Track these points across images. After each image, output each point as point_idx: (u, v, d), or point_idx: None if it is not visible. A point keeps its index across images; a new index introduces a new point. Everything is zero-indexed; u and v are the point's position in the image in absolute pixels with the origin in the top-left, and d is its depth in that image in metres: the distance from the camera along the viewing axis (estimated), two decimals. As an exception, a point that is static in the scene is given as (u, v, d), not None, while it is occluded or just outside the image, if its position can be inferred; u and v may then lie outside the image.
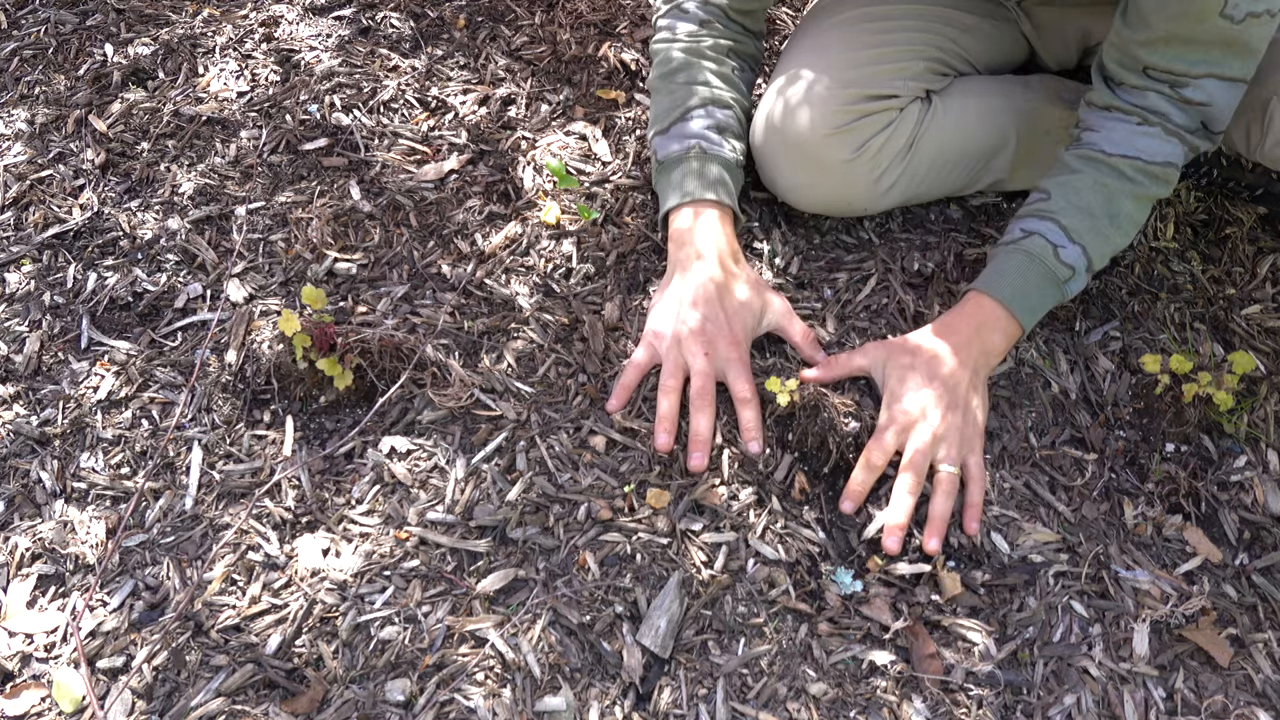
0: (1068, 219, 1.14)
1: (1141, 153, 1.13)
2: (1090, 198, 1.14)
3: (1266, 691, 1.00)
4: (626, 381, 1.15)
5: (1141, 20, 1.09)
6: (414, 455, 1.11)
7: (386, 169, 1.40)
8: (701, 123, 1.25)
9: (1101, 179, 1.14)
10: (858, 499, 1.07)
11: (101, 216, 1.36)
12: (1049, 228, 1.14)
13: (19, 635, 0.99)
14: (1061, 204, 1.15)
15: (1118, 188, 1.14)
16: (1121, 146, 1.13)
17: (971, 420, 1.10)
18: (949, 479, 1.07)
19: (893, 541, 1.04)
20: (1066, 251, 1.14)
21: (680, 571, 1.02)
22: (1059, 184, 1.16)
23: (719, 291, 1.16)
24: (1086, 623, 1.03)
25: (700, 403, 1.10)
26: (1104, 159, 1.14)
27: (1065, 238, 1.14)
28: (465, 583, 1.02)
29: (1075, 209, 1.14)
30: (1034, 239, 1.15)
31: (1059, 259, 1.14)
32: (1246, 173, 1.35)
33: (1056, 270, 1.14)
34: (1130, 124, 1.14)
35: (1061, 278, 1.14)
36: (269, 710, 0.93)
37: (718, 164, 1.23)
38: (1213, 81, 1.10)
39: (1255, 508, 1.14)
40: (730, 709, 0.95)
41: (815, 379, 1.15)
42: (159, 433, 1.15)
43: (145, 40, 1.60)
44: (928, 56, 1.29)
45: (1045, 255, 1.14)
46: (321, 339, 1.13)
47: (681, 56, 1.29)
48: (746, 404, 1.11)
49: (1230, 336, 1.29)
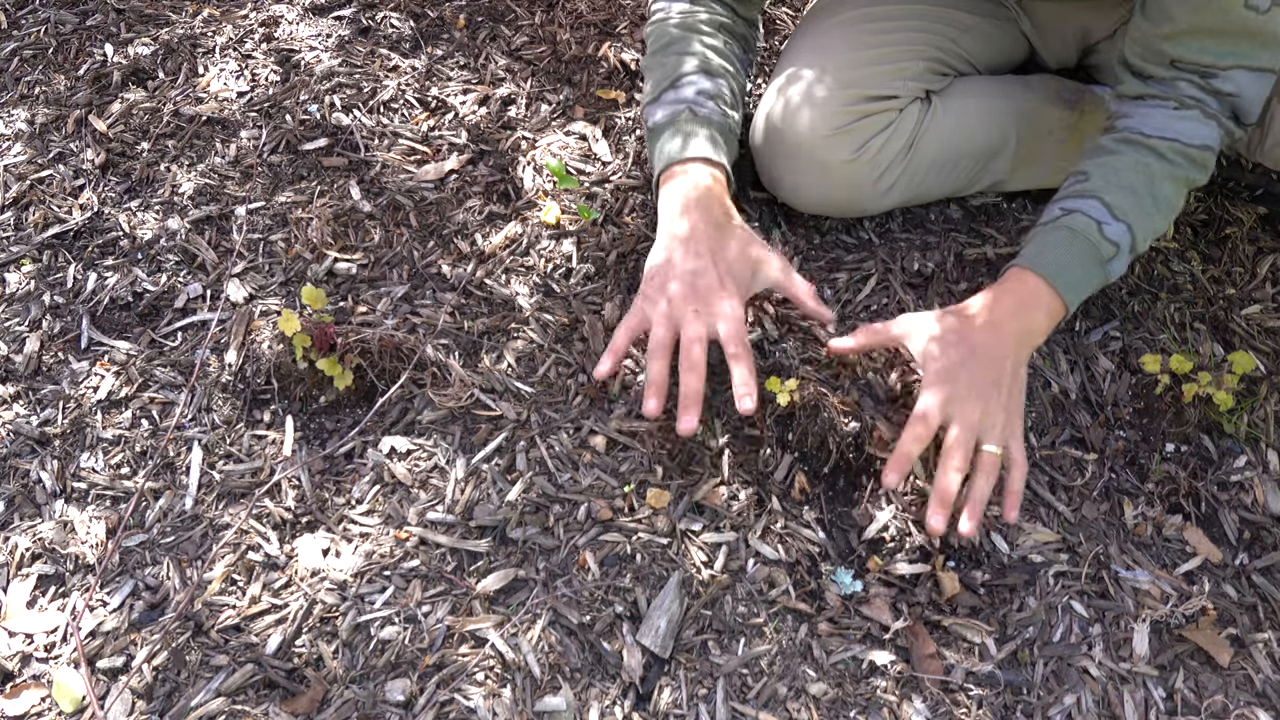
0: (1111, 196, 1.10)
1: (1180, 135, 1.10)
2: (1132, 177, 1.10)
3: (1266, 691, 1.00)
4: (617, 344, 1.10)
5: (1163, 14, 1.07)
6: (414, 455, 1.11)
7: (386, 169, 1.40)
8: (692, 89, 1.21)
9: (1142, 160, 1.10)
10: (903, 469, 1.01)
11: (101, 216, 1.36)
12: (1091, 205, 1.10)
13: (19, 635, 0.99)
14: (1102, 183, 1.11)
15: (1158, 169, 1.10)
16: (1160, 129, 1.10)
17: (1016, 401, 1.05)
18: (992, 460, 1.02)
19: (938, 520, 0.99)
20: (1111, 228, 1.09)
21: (680, 571, 1.02)
22: (1098, 165, 1.12)
23: (710, 248, 1.11)
24: (1086, 623, 1.03)
25: (689, 362, 1.05)
26: (1143, 140, 1.11)
27: (1109, 214, 1.09)
28: (465, 583, 1.02)
29: (1117, 187, 1.10)
30: (1076, 216, 1.10)
31: (1103, 235, 1.09)
32: (1246, 173, 1.35)
33: (1101, 247, 1.09)
34: (1167, 108, 1.11)
35: (1105, 255, 1.10)
36: (269, 710, 0.93)
37: (706, 125, 1.19)
38: (1242, 73, 1.08)
39: (1255, 508, 1.14)
40: (730, 709, 0.95)
41: (848, 348, 1.11)
42: (159, 433, 1.15)
43: (145, 40, 1.60)
44: (928, 56, 1.29)
45: (1089, 231, 1.09)
46: (321, 339, 1.13)
47: (674, 31, 1.26)
48: (738, 359, 1.05)
49: (1230, 336, 1.29)
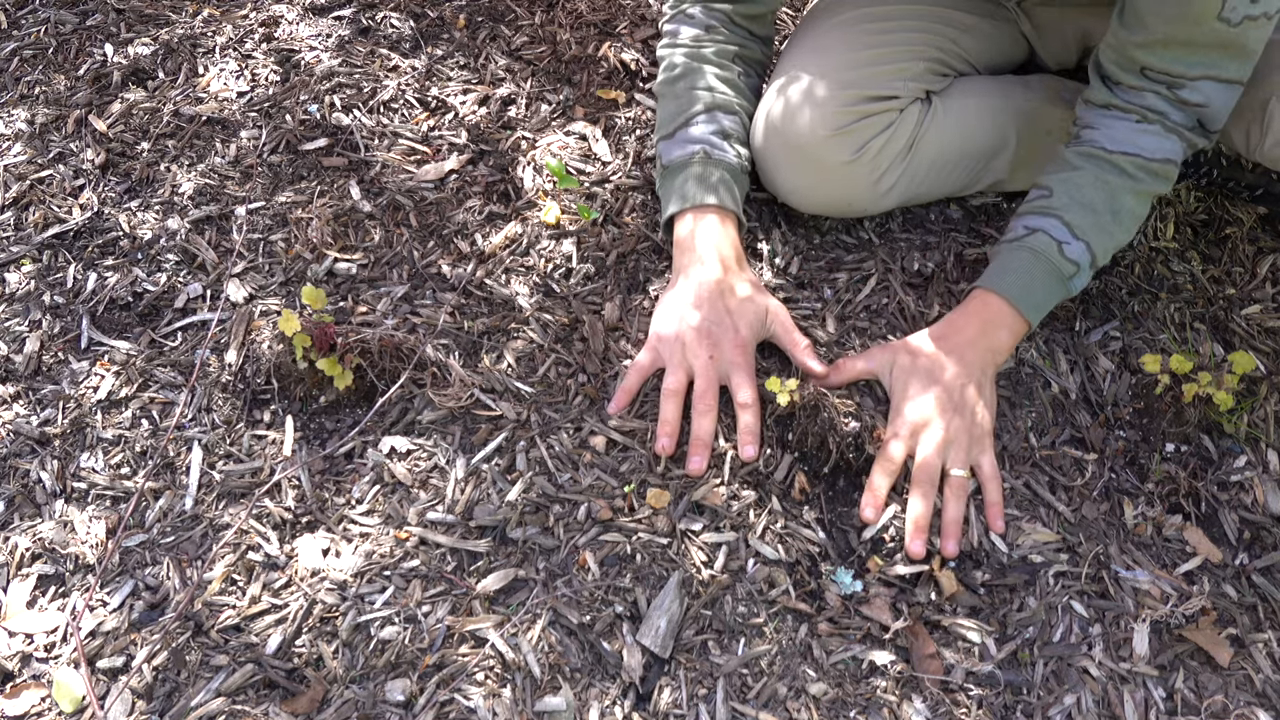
0: (1071, 215, 1.14)
1: (1142, 150, 1.13)
2: (1092, 194, 1.14)
3: (1266, 691, 1.00)
4: (628, 385, 1.14)
5: (1139, 22, 1.09)
6: (414, 455, 1.11)
7: (386, 169, 1.40)
8: (705, 128, 1.25)
9: (1103, 176, 1.14)
10: (878, 506, 1.06)
11: (101, 216, 1.36)
12: (1053, 224, 1.14)
13: (19, 635, 0.99)
14: (1064, 200, 1.15)
15: (1119, 184, 1.14)
16: (1122, 144, 1.14)
17: (978, 421, 1.10)
18: (959, 483, 1.07)
19: (917, 546, 1.04)
20: (1071, 248, 1.14)
21: (680, 571, 1.02)
22: (1060, 180, 1.16)
23: (722, 294, 1.16)
24: (1086, 623, 1.03)
25: (703, 405, 1.10)
26: (1105, 155, 1.14)
27: (1069, 234, 1.14)
28: (465, 583, 1.02)
29: (1078, 205, 1.14)
30: (1038, 236, 1.15)
31: (1064, 255, 1.14)
32: (1246, 173, 1.35)
33: (1061, 266, 1.14)
34: (1129, 121, 1.14)
35: (1066, 274, 1.14)
36: (269, 710, 0.93)
37: (721, 169, 1.23)
38: (1209, 83, 1.11)
39: (1255, 508, 1.14)
40: (730, 709, 0.95)
41: (819, 375, 1.14)
42: (159, 433, 1.15)
43: (145, 40, 1.60)
44: (928, 57, 1.29)
45: (1050, 252, 1.14)
46: (321, 339, 1.13)
47: (684, 62, 1.29)
48: (747, 409, 1.10)
49: (1230, 336, 1.29)
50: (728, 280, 1.17)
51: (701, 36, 1.30)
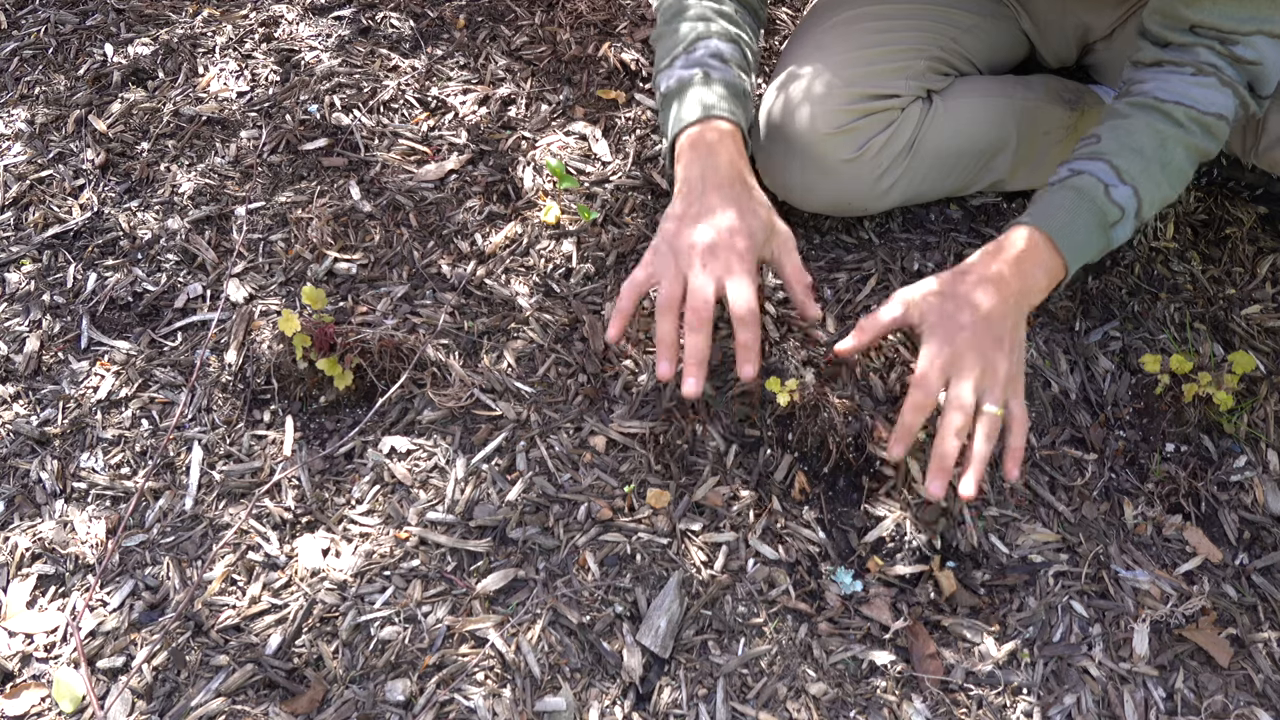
0: (1120, 160, 1.08)
1: (1196, 101, 1.08)
2: (1143, 140, 1.08)
3: (1266, 691, 1.00)
4: (623, 306, 1.06)
5: None
6: (414, 455, 1.11)
7: (386, 169, 1.40)
8: (704, 52, 1.18)
9: (1154, 124, 1.09)
10: (907, 440, 1.00)
11: (101, 216, 1.36)
12: (1100, 167, 1.08)
13: (19, 635, 0.99)
14: (1113, 145, 1.09)
15: (1171, 133, 1.08)
16: (1175, 94, 1.09)
17: (1016, 360, 1.04)
18: (993, 420, 1.00)
19: (937, 486, 0.98)
20: (1118, 191, 1.07)
21: (680, 571, 1.02)
22: (1110, 128, 1.10)
23: (723, 203, 1.08)
24: (1086, 623, 1.03)
25: (694, 319, 1.02)
26: (1157, 105, 1.09)
27: (1116, 177, 1.08)
28: (465, 583, 1.02)
29: (1128, 150, 1.08)
30: (1083, 177, 1.08)
31: (1109, 198, 1.07)
32: (1246, 173, 1.35)
33: (1106, 210, 1.07)
34: (1184, 74, 1.09)
35: (1111, 219, 1.08)
36: (269, 710, 0.93)
37: (722, 85, 1.16)
38: (1263, 39, 1.06)
39: (1255, 508, 1.14)
40: (730, 709, 0.95)
41: (852, 349, 1.07)
42: (159, 433, 1.15)
43: (145, 40, 1.60)
44: (929, 56, 1.29)
45: (1095, 193, 1.07)
46: (321, 339, 1.13)
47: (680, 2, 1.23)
48: (744, 324, 1.02)
49: (1230, 336, 1.29)
50: (730, 190, 1.08)
51: None
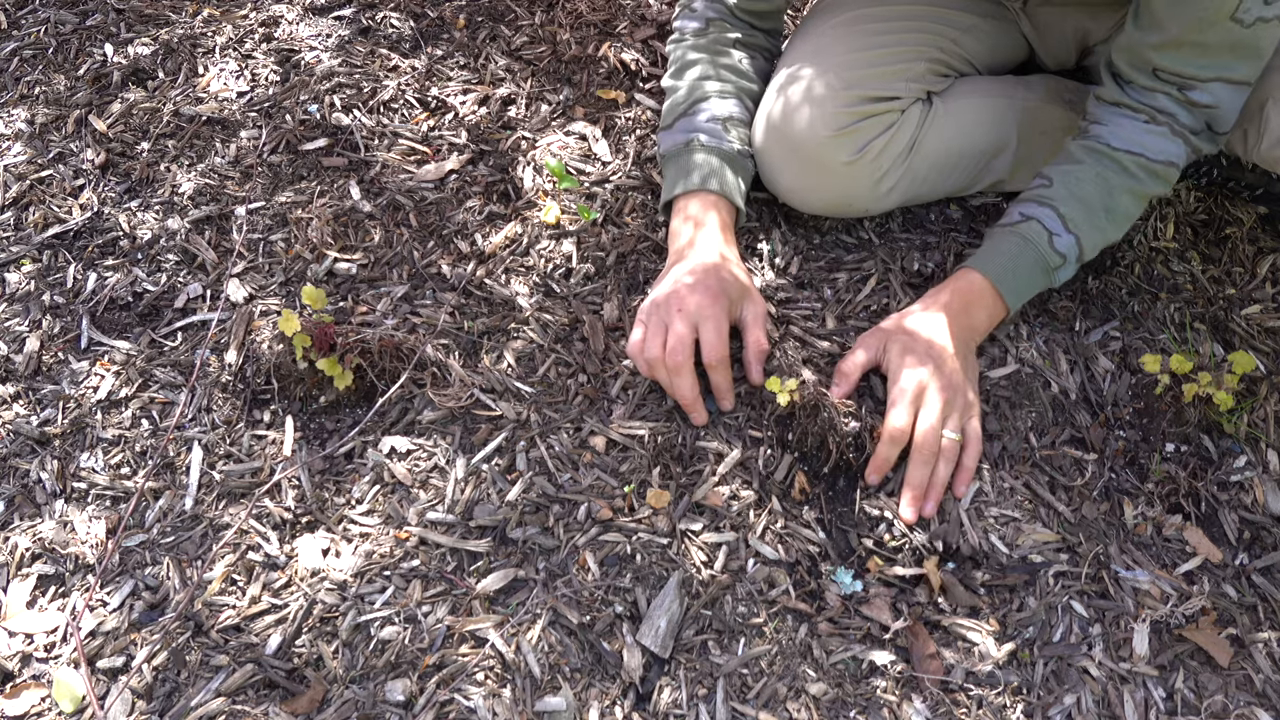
0: (1066, 207, 1.16)
1: (1146, 150, 1.14)
2: (1090, 189, 1.16)
3: (1266, 691, 1.00)
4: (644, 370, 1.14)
5: (1154, 23, 1.10)
6: (414, 455, 1.11)
7: (386, 169, 1.40)
8: (703, 116, 1.26)
9: (1104, 172, 1.16)
10: (883, 471, 1.09)
11: (101, 216, 1.36)
12: (1047, 214, 1.16)
13: (19, 635, 0.99)
14: (1062, 192, 1.16)
15: (1118, 182, 1.16)
16: (1127, 142, 1.15)
17: (966, 390, 1.12)
18: (951, 446, 1.09)
19: (910, 511, 1.07)
20: (1061, 240, 1.16)
21: (680, 571, 1.02)
22: (1062, 172, 1.18)
23: (703, 270, 1.15)
24: (1086, 623, 1.03)
25: (671, 363, 1.09)
26: (1108, 152, 1.15)
27: (1061, 225, 1.16)
28: (465, 583, 1.02)
29: (1074, 199, 1.16)
30: (1031, 224, 1.17)
31: (1052, 246, 1.16)
32: (1246, 173, 1.35)
33: (1049, 257, 1.16)
34: (1138, 121, 1.15)
35: (1053, 265, 1.17)
36: (269, 710, 0.93)
37: (715, 155, 1.24)
38: (1220, 85, 1.11)
39: (1255, 508, 1.14)
40: (730, 709, 0.95)
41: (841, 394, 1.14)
42: (159, 433, 1.15)
43: (145, 40, 1.60)
44: (929, 57, 1.29)
45: (1040, 241, 1.16)
46: (321, 339, 1.13)
47: (687, 54, 1.31)
48: (714, 369, 1.11)
49: (1230, 336, 1.29)
50: (709, 259, 1.17)
51: (703, 29, 1.32)
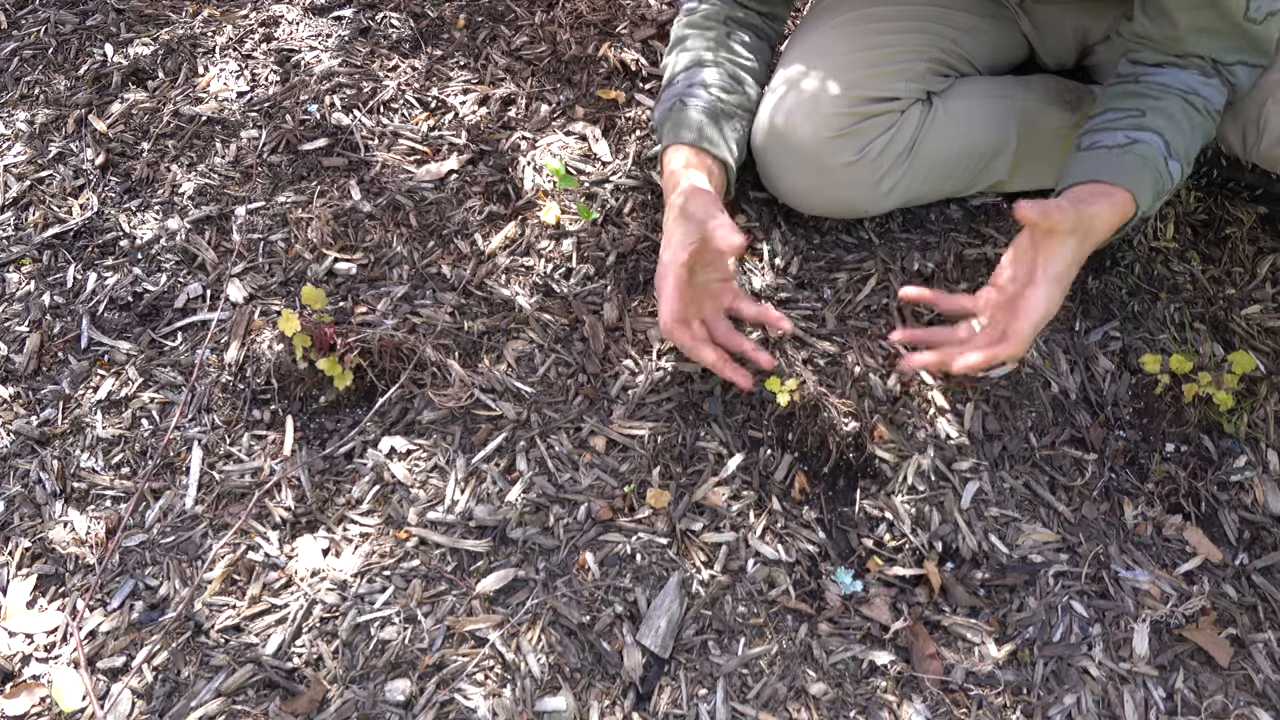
0: (1170, 136, 1.11)
1: (1210, 99, 1.13)
2: (1183, 120, 1.12)
3: (1266, 691, 1.00)
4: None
5: (1165, 18, 1.10)
6: (414, 455, 1.11)
7: (386, 169, 1.40)
8: (684, 83, 1.26)
9: (1184, 108, 1.12)
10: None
11: (101, 216, 1.36)
12: (1154, 139, 1.11)
13: (19, 635, 0.99)
14: (1161, 121, 1.11)
15: (1197, 121, 1.12)
16: (1193, 88, 1.13)
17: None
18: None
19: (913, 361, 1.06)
20: (1172, 165, 1.11)
21: (680, 571, 1.02)
22: (1150, 105, 1.12)
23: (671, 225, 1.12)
24: (1086, 623, 1.03)
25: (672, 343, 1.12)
26: (1181, 94, 1.13)
27: (1167, 150, 1.10)
28: (465, 583, 1.02)
29: (1174, 128, 1.11)
30: (1142, 145, 1.10)
31: (1167, 169, 1.10)
32: (1246, 173, 1.35)
33: (1163, 179, 1.10)
34: (1193, 73, 1.13)
35: (1164, 188, 1.11)
36: (269, 710, 0.93)
37: (692, 111, 1.22)
38: (1241, 68, 1.13)
39: (1255, 508, 1.14)
40: (730, 709, 0.95)
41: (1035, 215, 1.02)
42: (159, 433, 1.15)
43: (145, 40, 1.60)
44: (929, 58, 1.29)
45: (1157, 161, 1.10)
46: (321, 339, 1.13)
47: (680, 31, 1.31)
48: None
49: (1230, 336, 1.29)
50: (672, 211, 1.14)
51: (697, 7, 1.32)
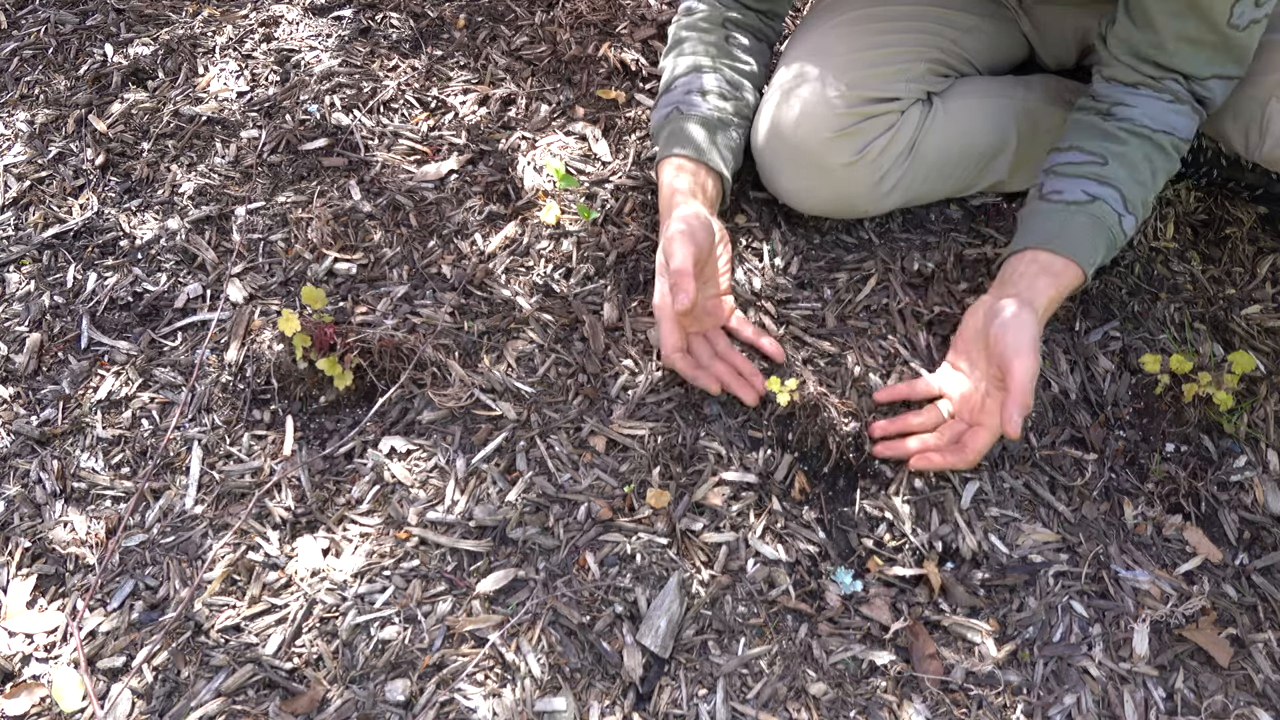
0: (1128, 190, 1.13)
1: (1177, 129, 1.14)
2: (1144, 171, 1.13)
3: (1266, 691, 1.00)
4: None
5: (1148, 23, 1.10)
6: (414, 455, 1.11)
7: (386, 169, 1.40)
8: (681, 90, 1.26)
9: (1149, 154, 1.14)
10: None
11: (101, 216, 1.36)
12: (1111, 195, 1.13)
13: (19, 635, 0.99)
14: (1121, 173, 1.13)
15: (1159, 164, 1.14)
16: (1160, 123, 1.14)
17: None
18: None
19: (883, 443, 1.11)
20: (1126, 221, 1.13)
21: (680, 571, 1.02)
22: (1113, 153, 1.14)
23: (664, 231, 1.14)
24: (1086, 623, 1.03)
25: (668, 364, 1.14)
26: (1149, 135, 1.14)
27: (1123, 207, 1.13)
28: (465, 583, 1.02)
29: (1134, 181, 1.13)
30: (1099, 204, 1.12)
31: (1121, 227, 1.13)
32: (1246, 173, 1.35)
33: (1116, 238, 1.13)
34: (1164, 100, 1.14)
35: (1117, 245, 1.14)
36: (269, 710, 0.93)
37: (689, 121, 1.23)
38: (1217, 82, 1.13)
39: (1255, 508, 1.14)
40: (730, 709, 0.95)
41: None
42: (159, 433, 1.14)
43: (145, 40, 1.60)
44: (929, 58, 1.29)
45: (1111, 222, 1.12)
46: (321, 339, 1.13)
47: (678, 34, 1.32)
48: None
49: (1230, 336, 1.29)
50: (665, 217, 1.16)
51: (695, 7, 1.33)
